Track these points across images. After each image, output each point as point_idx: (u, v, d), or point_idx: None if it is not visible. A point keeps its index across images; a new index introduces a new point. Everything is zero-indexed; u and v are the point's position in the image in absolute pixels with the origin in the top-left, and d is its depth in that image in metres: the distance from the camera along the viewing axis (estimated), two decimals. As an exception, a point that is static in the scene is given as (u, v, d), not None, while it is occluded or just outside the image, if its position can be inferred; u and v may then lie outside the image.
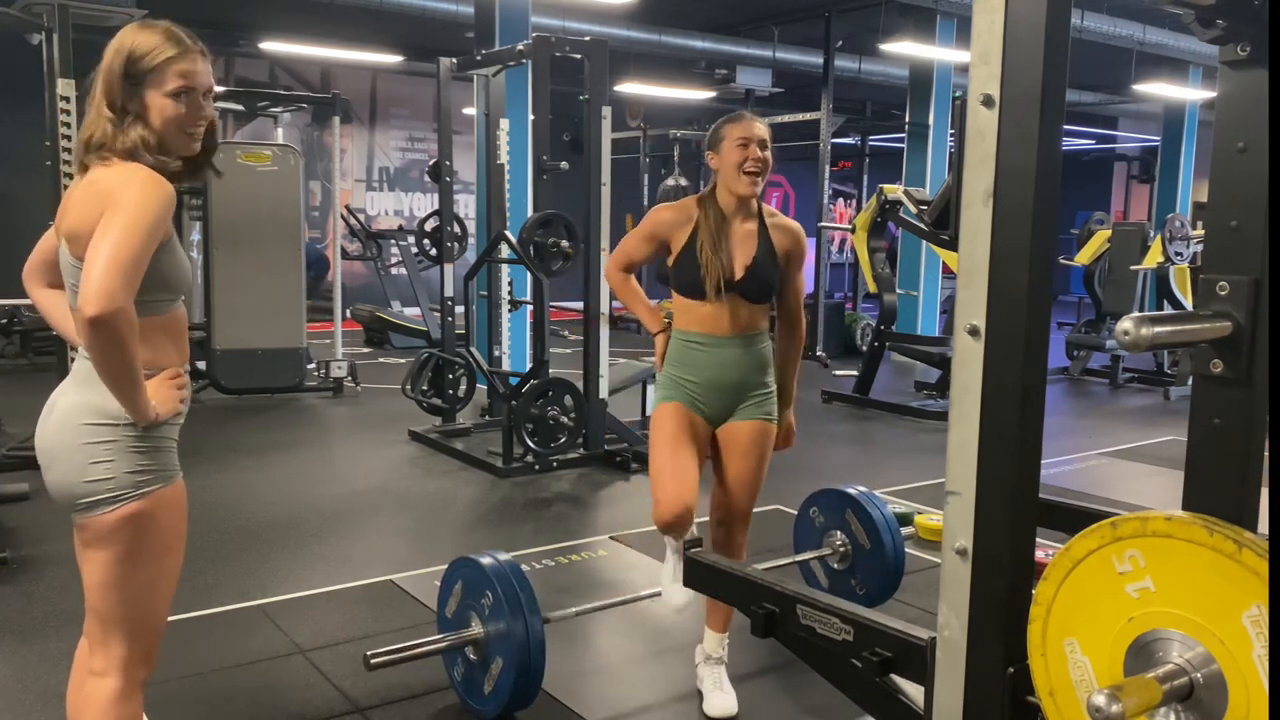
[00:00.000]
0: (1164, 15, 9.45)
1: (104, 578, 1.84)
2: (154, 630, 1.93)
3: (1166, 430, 6.98)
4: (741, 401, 2.73)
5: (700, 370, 2.71)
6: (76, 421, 1.81)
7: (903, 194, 7.41)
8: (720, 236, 2.67)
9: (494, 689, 2.66)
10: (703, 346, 2.71)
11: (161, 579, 1.90)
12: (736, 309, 2.67)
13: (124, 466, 1.80)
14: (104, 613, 1.87)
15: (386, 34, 10.63)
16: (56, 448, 1.83)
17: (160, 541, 1.87)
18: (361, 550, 4.18)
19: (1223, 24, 1.40)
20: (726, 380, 2.70)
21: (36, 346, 8.76)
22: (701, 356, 2.71)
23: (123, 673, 1.89)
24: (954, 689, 1.66)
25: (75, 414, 1.82)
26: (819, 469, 5.71)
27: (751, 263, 2.67)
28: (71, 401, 1.83)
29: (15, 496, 4.58)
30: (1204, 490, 1.45)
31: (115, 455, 1.80)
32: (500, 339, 6.77)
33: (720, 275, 2.63)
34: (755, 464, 2.77)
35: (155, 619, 1.92)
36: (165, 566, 1.90)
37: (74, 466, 1.80)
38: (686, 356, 2.73)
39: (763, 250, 2.69)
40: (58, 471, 1.83)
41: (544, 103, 5.64)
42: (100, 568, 1.84)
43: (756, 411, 2.75)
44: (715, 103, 13.08)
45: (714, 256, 2.64)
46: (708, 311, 2.68)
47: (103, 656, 1.89)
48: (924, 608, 3.42)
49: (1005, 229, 1.53)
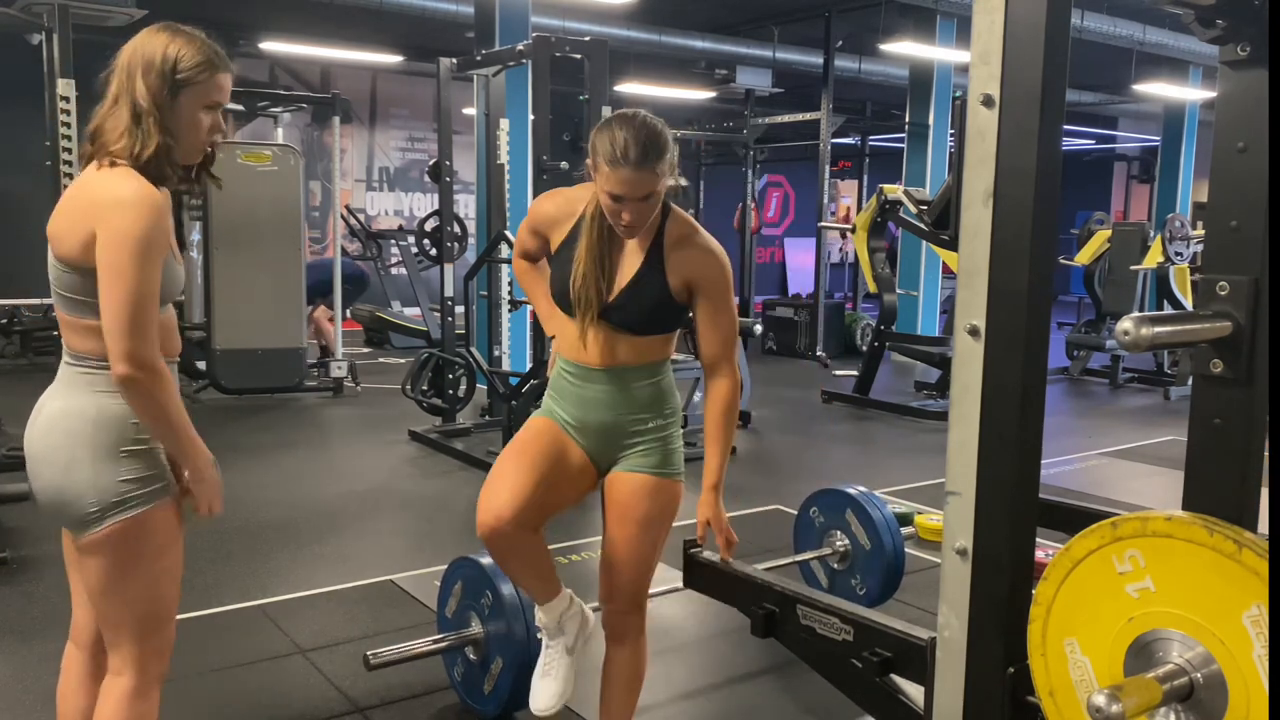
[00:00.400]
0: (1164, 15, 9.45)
1: (101, 585, 1.82)
2: (163, 624, 1.90)
3: (1166, 430, 6.98)
4: (621, 449, 2.19)
5: (566, 404, 2.21)
6: (61, 427, 1.78)
7: (903, 194, 7.41)
8: (605, 249, 2.12)
9: (494, 689, 2.66)
10: (570, 377, 2.20)
11: (163, 575, 1.87)
12: (609, 338, 2.13)
13: (113, 475, 1.76)
14: (109, 617, 1.85)
15: (386, 34, 10.62)
16: (41, 454, 1.80)
17: (155, 544, 1.83)
18: (361, 550, 4.18)
19: (1223, 24, 1.40)
20: (593, 421, 2.18)
21: (36, 346, 8.76)
22: (569, 388, 2.21)
23: (138, 670, 1.87)
24: (954, 689, 1.66)
25: (61, 419, 1.79)
26: (819, 469, 5.72)
27: (628, 285, 2.12)
28: (58, 406, 1.81)
29: (15, 496, 4.58)
30: (1204, 490, 1.45)
31: (102, 462, 1.76)
32: (500, 339, 6.77)
33: (594, 296, 2.10)
34: (635, 531, 2.18)
35: (162, 614, 1.90)
36: (165, 563, 1.87)
37: (59, 473, 1.77)
38: (558, 384, 2.24)
39: (646, 271, 2.11)
40: (44, 479, 1.80)
41: (544, 103, 5.64)
42: (95, 575, 1.82)
43: (641, 462, 2.18)
44: (715, 103, 13.09)
45: (592, 269, 2.10)
46: (575, 335, 2.15)
47: (116, 657, 1.88)
48: (924, 608, 3.42)
49: (1005, 229, 1.53)
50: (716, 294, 2.14)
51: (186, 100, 1.79)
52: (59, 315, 1.81)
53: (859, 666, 2.11)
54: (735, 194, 11.82)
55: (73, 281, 1.76)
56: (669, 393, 2.23)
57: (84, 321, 1.77)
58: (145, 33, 1.81)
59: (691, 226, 2.16)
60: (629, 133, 1.99)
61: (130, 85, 1.76)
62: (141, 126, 1.75)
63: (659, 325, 2.16)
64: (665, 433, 2.20)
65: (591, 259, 2.10)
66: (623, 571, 2.21)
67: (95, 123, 1.79)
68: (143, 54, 1.77)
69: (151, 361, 1.71)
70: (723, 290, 2.15)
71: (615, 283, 2.12)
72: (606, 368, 2.15)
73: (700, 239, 2.15)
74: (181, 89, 1.78)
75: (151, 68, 1.76)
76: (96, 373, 1.78)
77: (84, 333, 1.78)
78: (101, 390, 1.78)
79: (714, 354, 2.18)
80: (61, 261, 1.75)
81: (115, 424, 1.77)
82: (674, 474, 2.21)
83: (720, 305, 2.15)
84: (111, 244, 1.68)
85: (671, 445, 2.21)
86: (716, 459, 2.20)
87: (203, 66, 1.79)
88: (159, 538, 1.84)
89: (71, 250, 1.73)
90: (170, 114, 1.78)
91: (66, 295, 1.77)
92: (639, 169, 1.98)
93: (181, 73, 1.77)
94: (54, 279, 1.79)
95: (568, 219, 2.18)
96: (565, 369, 2.21)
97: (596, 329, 2.13)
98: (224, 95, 1.84)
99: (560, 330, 2.22)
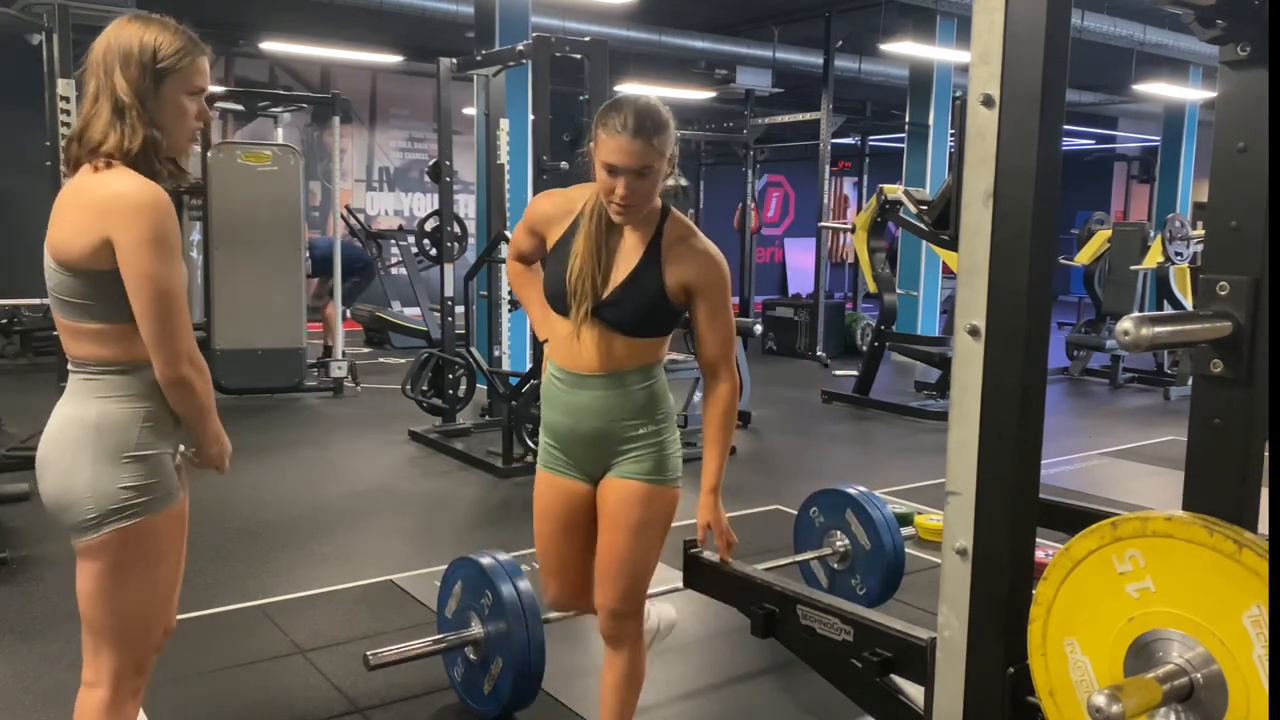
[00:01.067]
0: (1164, 15, 9.44)
1: (91, 589, 1.81)
2: (145, 640, 1.88)
3: (1166, 430, 6.98)
4: (613, 455, 2.16)
5: (555, 413, 2.19)
6: (66, 434, 1.78)
7: (903, 194, 7.41)
8: (603, 242, 2.10)
9: (494, 689, 2.66)
10: (560, 384, 2.17)
11: (153, 591, 1.85)
12: (603, 339, 2.10)
13: (113, 482, 1.75)
14: (93, 622, 1.83)
15: (386, 34, 10.62)
16: (44, 460, 1.81)
17: (154, 554, 1.82)
18: (361, 550, 4.18)
19: (1223, 24, 1.40)
20: (584, 428, 2.15)
21: (36, 346, 8.76)
22: (558, 396, 2.18)
23: (112, 683, 1.84)
24: (954, 689, 1.66)
25: (66, 426, 1.79)
26: (819, 469, 5.72)
27: (624, 282, 2.09)
28: (65, 413, 1.80)
29: (15, 496, 4.58)
30: (1204, 490, 1.45)
31: (103, 467, 1.75)
32: (500, 339, 6.77)
33: (589, 289, 2.08)
34: (628, 537, 2.15)
35: (146, 630, 1.87)
36: (157, 578, 1.85)
37: (61, 477, 1.78)
38: (548, 391, 2.22)
39: (643, 270, 2.09)
40: (47, 482, 1.80)
41: (544, 103, 5.64)
42: (88, 578, 1.80)
43: (634, 468, 2.14)
44: (715, 103, 13.08)
45: (588, 262, 2.08)
46: (568, 337, 2.12)
47: (93, 666, 1.85)
48: (924, 608, 3.42)
49: (1005, 229, 1.53)
50: (715, 297, 2.11)
51: (170, 89, 1.75)
52: (59, 322, 1.79)
53: (859, 666, 2.11)
54: (735, 194, 11.81)
55: (74, 285, 1.73)
56: (662, 397, 2.19)
57: (85, 326, 1.76)
58: (115, 25, 1.77)
59: (690, 229, 2.13)
60: (630, 106, 2.01)
61: (109, 80, 1.73)
62: (126, 121, 1.72)
63: (652, 327, 2.13)
64: (659, 439, 2.17)
65: (589, 251, 2.08)
66: (617, 578, 2.19)
67: (79, 124, 1.76)
68: (118, 47, 1.73)
69: (196, 359, 1.76)
70: (721, 293, 2.12)
71: (611, 278, 2.10)
72: (598, 373, 2.12)
73: (698, 241, 2.12)
74: (164, 77, 1.74)
75: (130, 59, 1.72)
76: (97, 379, 1.77)
77: (84, 338, 1.77)
78: (103, 396, 1.77)
79: (713, 357, 2.15)
80: (64, 266, 1.73)
81: (118, 430, 1.76)
82: (667, 480, 2.18)
83: (718, 308, 2.12)
84: (133, 251, 1.68)
85: (666, 451, 2.18)
86: (715, 462, 2.19)
87: (183, 52, 1.76)
88: (157, 546, 1.82)
89: (78, 254, 1.71)
90: (155, 105, 1.75)
91: (67, 300, 1.75)
92: (635, 137, 1.97)
93: (162, 61, 1.74)
94: (53, 284, 1.77)
95: (565, 216, 2.16)
96: (555, 375, 2.19)
97: (590, 327, 2.10)
98: (206, 79, 1.81)
99: (553, 334, 2.19)
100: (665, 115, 2.04)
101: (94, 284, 1.72)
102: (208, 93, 1.83)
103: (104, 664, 1.84)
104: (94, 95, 1.74)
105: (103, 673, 1.84)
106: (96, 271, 1.71)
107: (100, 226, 1.68)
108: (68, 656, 3.09)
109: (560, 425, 2.19)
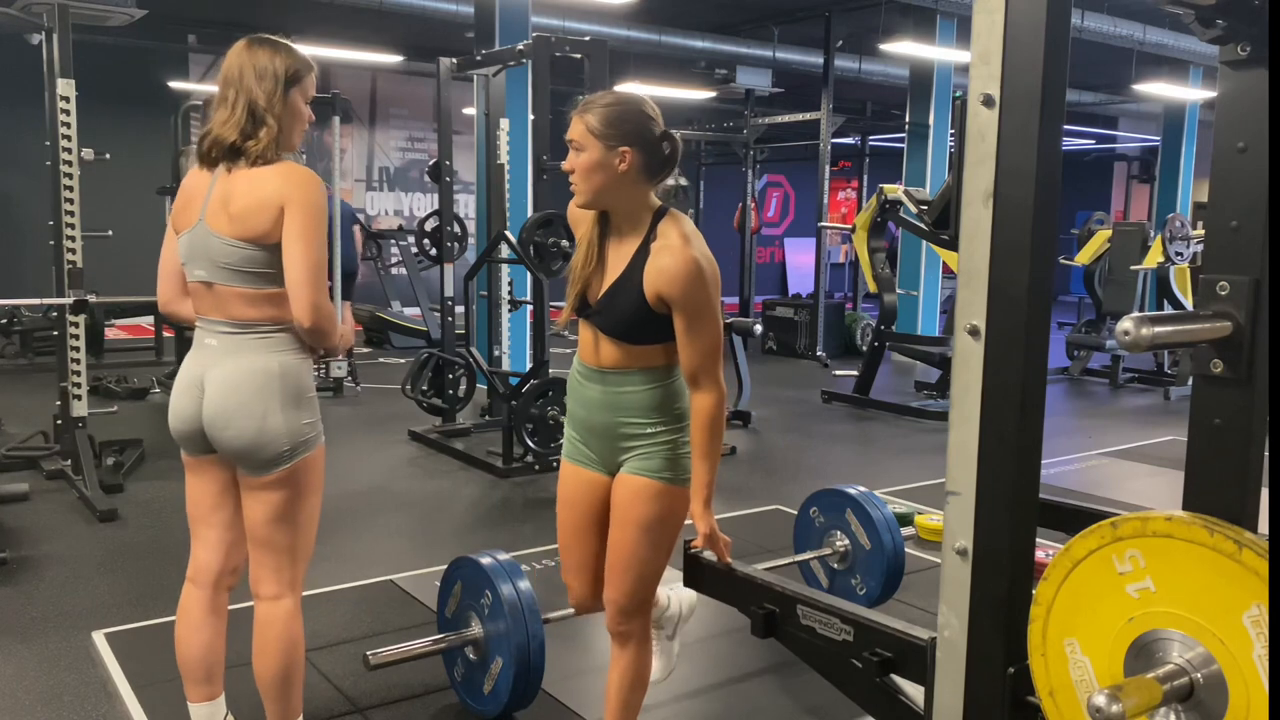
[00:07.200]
0: (1164, 15, 9.45)
1: (279, 513, 2.19)
2: (311, 551, 2.31)
3: (1166, 430, 6.98)
4: (622, 452, 2.19)
5: (574, 404, 2.27)
6: (251, 384, 2.13)
7: (903, 194, 7.41)
8: (601, 245, 2.16)
9: (494, 689, 2.66)
10: (578, 376, 2.26)
11: (319, 508, 2.28)
12: (603, 340, 2.15)
13: (299, 419, 2.16)
14: (277, 543, 2.22)
15: (386, 34, 10.63)
16: (234, 409, 2.13)
17: (320, 477, 2.27)
18: (361, 550, 4.18)
19: (1223, 24, 1.40)
20: (596, 421, 2.20)
21: (37, 346, 8.75)
22: (576, 387, 2.26)
23: (294, 592, 2.27)
24: (954, 689, 1.66)
25: (248, 377, 2.13)
26: (819, 469, 5.72)
27: (608, 289, 2.12)
28: (240, 366, 2.14)
29: (15, 496, 4.58)
30: (1204, 490, 1.45)
31: (291, 410, 2.15)
32: (500, 339, 6.77)
33: (578, 296, 2.16)
34: (633, 534, 2.16)
35: (313, 542, 2.31)
36: (320, 497, 2.29)
37: (256, 422, 2.12)
38: (570, 382, 2.30)
39: (627, 277, 2.09)
40: (237, 429, 2.13)
41: (544, 103, 5.64)
42: (272, 506, 2.19)
43: (643, 465, 2.15)
44: (715, 103, 13.08)
45: (579, 269, 2.16)
46: (581, 331, 2.22)
47: (275, 582, 2.24)
48: (924, 608, 3.42)
49: (1005, 229, 1.53)
50: (689, 307, 2.03)
51: (295, 96, 2.18)
52: (230, 291, 2.13)
53: (859, 666, 2.11)
54: (735, 194, 11.81)
55: (258, 257, 2.11)
56: (675, 398, 2.16)
57: (264, 291, 2.13)
58: (244, 48, 2.17)
59: (675, 234, 2.06)
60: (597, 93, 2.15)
61: (247, 92, 2.12)
62: (264, 123, 2.12)
63: (642, 334, 2.10)
64: (671, 438, 2.15)
65: (584, 253, 2.17)
66: (624, 573, 2.19)
67: (218, 129, 2.14)
68: (253, 65, 2.14)
69: (330, 309, 2.14)
70: (698, 304, 2.03)
71: (603, 283, 2.13)
72: (604, 369, 2.17)
73: (678, 249, 2.03)
74: (291, 87, 2.17)
75: (266, 74, 2.13)
76: (273, 335, 2.16)
77: (263, 302, 2.14)
78: (281, 350, 2.16)
79: (691, 367, 2.08)
80: (249, 241, 2.09)
81: (296, 377, 2.18)
82: (678, 480, 2.16)
83: (694, 318, 2.04)
84: (305, 214, 2.09)
85: (679, 451, 2.16)
86: (703, 475, 2.13)
87: (306, 67, 2.20)
88: (321, 470, 2.27)
89: (265, 229, 2.08)
90: (282, 109, 2.15)
91: (249, 271, 2.11)
92: (578, 115, 2.07)
93: (291, 74, 2.16)
94: (233, 261, 2.11)
95: (587, 216, 2.20)
96: (576, 368, 2.28)
97: (589, 328, 2.18)
98: (314, 89, 2.25)
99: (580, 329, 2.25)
100: (618, 106, 2.05)
101: (275, 255, 2.09)
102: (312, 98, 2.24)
103: (285, 577, 2.25)
104: (231, 105, 2.13)
105: (285, 585, 2.25)
106: (276, 244, 2.09)
107: (279, 202, 2.08)
108: (68, 656, 3.09)
109: (577, 416, 2.26)
